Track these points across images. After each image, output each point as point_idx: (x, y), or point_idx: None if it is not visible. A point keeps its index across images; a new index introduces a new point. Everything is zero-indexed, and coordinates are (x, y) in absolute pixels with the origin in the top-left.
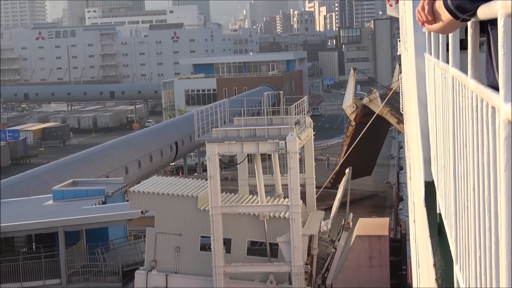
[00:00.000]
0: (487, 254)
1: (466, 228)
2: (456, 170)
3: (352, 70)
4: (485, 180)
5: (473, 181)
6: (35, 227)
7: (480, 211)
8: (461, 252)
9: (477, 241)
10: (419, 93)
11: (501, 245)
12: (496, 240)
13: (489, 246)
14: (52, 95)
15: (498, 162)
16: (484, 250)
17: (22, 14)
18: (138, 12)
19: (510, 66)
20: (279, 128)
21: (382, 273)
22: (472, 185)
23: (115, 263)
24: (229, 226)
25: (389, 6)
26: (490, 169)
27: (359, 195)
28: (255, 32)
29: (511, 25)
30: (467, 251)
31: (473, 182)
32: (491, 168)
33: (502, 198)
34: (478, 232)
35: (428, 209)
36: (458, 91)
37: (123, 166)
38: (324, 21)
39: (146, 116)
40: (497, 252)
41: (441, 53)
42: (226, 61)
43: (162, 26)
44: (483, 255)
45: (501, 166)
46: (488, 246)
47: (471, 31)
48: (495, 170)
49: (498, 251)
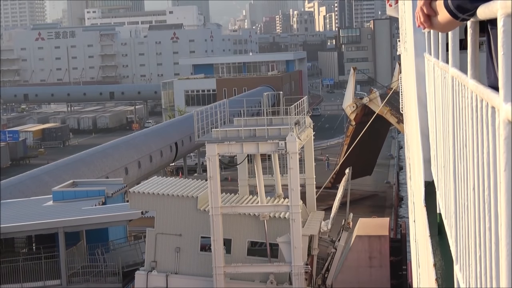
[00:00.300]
0: (487, 254)
1: (466, 228)
2: (456, 170)
3: (352, 69)
4: (485, 180)
5: (473, 181)
6: (35, 228)
7: (480, 211)
8: (461, 252)
9: (477, 241)
10: (419, 93)
11: (501, 245)
12: (496, 240)
13: (489, 246)
14: (51, 95)
15: (498, 162)
16: (484, 250)
17: (22, 15)
18: (137, 13)
19: (510, 66)
20: (279, 129)
21: (382, 273)
22: (472, 185)
23: (115, 263)
24: (229, 227)
25: (389, 6)
26: (490, 169)
27: (359, 195)
28: (254, 33)
29: (511, 25)
30: (467, 251)
31: (473, 182)
32: (491, 168)
33: (502, 198)
34: (478, 232)
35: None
36: (458, 91)
37: (123, 167)
38: (324, 21)
39: (145, 116)
40: (497, 252)
41: (441, 53)
42: (225, 62)
43: (161, 26)
44: (483, 255)
45: (501, 166)
46: (488, 246)
47: (471, 31)
48: (495, 170)
49: (498, 251)
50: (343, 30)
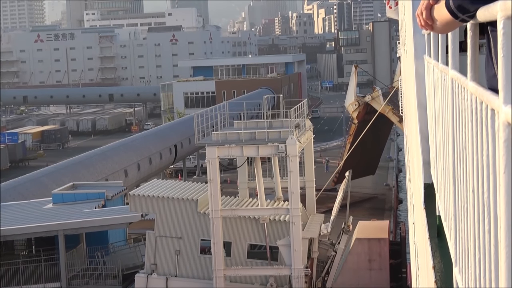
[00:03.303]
0: (487, 256)
1: (465, 230)
2: (456, 172)
3: (353, 67)
4: (485, 182)
5: (472, 183)
6: (35, 231)
7: (479, 213)
8: (461, 254)
9: (477, 243)
10: (419, 95)
11: (501, 247)
12: (496, 242)
13: (488, 248)
14: (51, 97)
15: (497, 164)
16: (484, 252)
17: (21, 16)
18: (136, 15)
19: (509, 68)
20: (279, 132)
21: (382, 276)
22: (472, 187)
23: (115, 266)
24: (229, 229)
25: (389, 8)
26: (490, 171)
27: (358, 197)
28: (253, 35)
29: (511, 27)
30: (466, 253)
31: (472, 184)
32: (490, 170)
33: (501, 200)
34: (477, 234)
35: (427, 211)
36: (457, 93)
37: (122, 169)
38: (323, 23)
39: (145, 118)
40: (497, 254)
41: (441, 55)
42: (225, 64)
43: (160, 28)
44: (482, 257)
45: (500, 168)
46: (487, 248)
47: (471, 33)
48: (494, 172)
49: (498, 253)
50: (342, 32)
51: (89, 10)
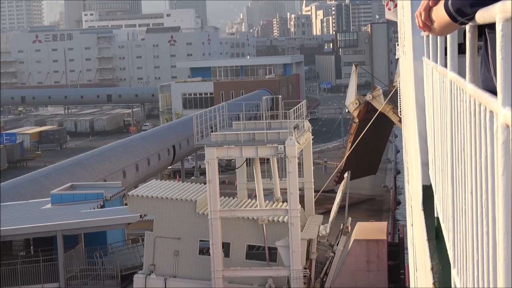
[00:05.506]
0: (485, 258)
1: (463, 232)
2: (454, 174)
3: (354, 67)
4: (483, 184)
5: (471, 185)
6: (33, 231)
7: (477, 215)
8: (459, 256)
9: (475, 245)
10: (417, 96)
11: (499, 249)
12: (494, 244)
13: (486, 250)
14: (49, 98)
15: (495, 166)
16: (482, 254)
17: (19, 17)
18: (135, 16)
19: (508, 70)
20: (278, 133)
21: (380, 277)
22: (470, 189)
23: (113, 267)
24: (228, 230)
25: (388, 10)
26: (488, 173)
27: (357, 199)
28: (252, 36)
29: (510, 29)
30: (464, 255)
31: (471, 186)
32: (488, 172)
33: (499, 202)
34: (475, 236)
35: (425, 212)
36: (456, 95)
37: (120, 170)
38: (321, 25)
39: (143, 119)
40: (495, 256)
41: (439, 57)
42: (223, 65)
43: (159, 29)
44: (480, 259)
45: (498, 170)
46: (485, 250)
47: (469, 35)
48: (492, 174)
49: (496, 254)
50: (340, 34)
51: (87, 10)
